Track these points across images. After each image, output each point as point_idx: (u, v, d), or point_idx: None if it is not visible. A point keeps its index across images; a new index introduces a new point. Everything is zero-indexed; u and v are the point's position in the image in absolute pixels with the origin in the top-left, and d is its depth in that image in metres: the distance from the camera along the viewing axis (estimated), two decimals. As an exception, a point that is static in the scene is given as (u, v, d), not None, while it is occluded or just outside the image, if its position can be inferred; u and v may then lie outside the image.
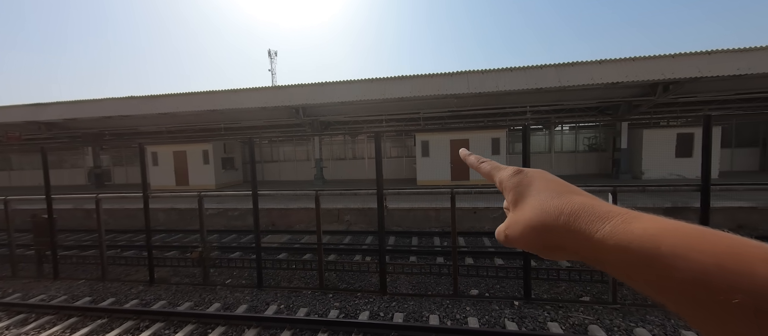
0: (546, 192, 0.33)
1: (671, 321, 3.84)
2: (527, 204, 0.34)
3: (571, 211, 0.29)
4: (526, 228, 0.33)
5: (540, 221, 0.31)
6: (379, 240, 4.73)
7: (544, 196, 0.33)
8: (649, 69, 8.81)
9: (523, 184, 0.36)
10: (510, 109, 12.02)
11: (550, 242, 0.31)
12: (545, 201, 0.32)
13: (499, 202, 0.48)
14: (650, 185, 4.59)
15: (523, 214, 0.34)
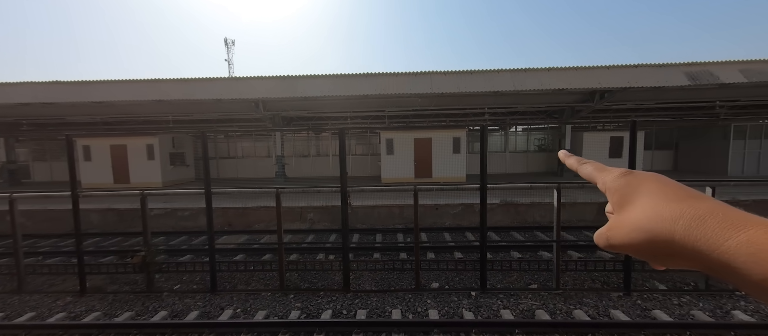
0: (660, 194, 0.31)
1: (603, 302, 4.34)
2: (636, 206, 0.31)
3: (693, 215, 0.27)
4: (633, 231, 0.31)
5: (651, 225, 0.29)
6: (342, 238, 4.69)
7: (657, 199, 0.30)
8: (588, 78, 9.83)
9: (631, 186, 0.33)
10: (470, 110, 12.61)
11: (662, 248, 0.29)
12: (660, 204, 0.30)
13: (461, 199, 0.49)
14: (588, 183, 5.14)
15: (629, 216, 0.31)
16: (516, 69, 9.74)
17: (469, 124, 15.74)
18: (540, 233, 7.62)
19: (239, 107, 12.08)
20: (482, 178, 4.53)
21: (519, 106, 12.16)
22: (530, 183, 4.97)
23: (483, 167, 4.51)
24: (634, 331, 3.59)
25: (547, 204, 8.44)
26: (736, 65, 9.66)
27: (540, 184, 4.96)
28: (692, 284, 4.77)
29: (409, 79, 9.85)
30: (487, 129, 4.40)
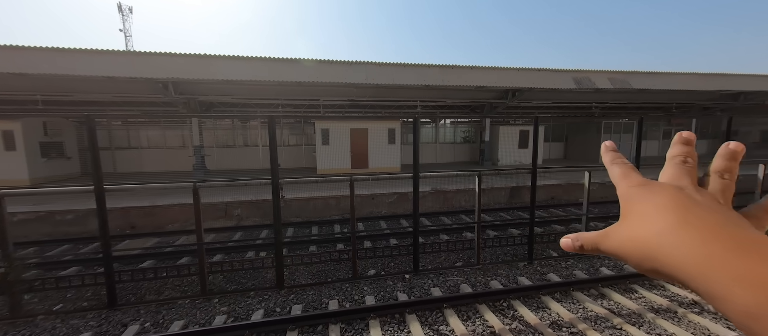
0: (661, 212, 0.28)
1: (512, 271, 5.08)
2: (633, 219, 0.30)
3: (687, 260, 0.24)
4: (622, 243, 0.30)
5: (636, 245, 0.28)
6: (275, 233, 4.42)
7: (653, 219, 0.28)
8: (503, 78, 11.15)
9: (639, 197, 0.31)
10: (403, 102, 13.09)
11: (646, 268, 0.28)
12: (650, 223, 0.28)
13: (396, 188, 0.49)
14: (503, 170, 5.89)
15: (622, 228, 0.31)
16: (444, 65, 10.44)
17: (404, 116, 16.36)
18: (464, 216, 8.45)
19: (142, 88, 10.18)
20: (415, 167, 4.77)
21: (447, 100, 13.11)
22: (457, 171, 5.45)
23: (416, 157, 4.74)
24: (534, 292, 4.30)
25: (470, 190, 9.38)
26: (605, 74, 12.13)
27: (464, 172, 5.47)
28: (575, 250, 5.91)
29: (344, 68, 9.67)
30: (419, 121, 4.63)
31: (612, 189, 10.47)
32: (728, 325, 3.60)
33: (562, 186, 10.24)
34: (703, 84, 12.77)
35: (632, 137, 16.44)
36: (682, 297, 4.19)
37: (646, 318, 3.76)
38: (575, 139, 18.80)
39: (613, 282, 4.52)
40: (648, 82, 12.34)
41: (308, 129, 16.58)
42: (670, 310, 3.92)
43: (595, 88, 11.87)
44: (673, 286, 4.49)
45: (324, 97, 11.96)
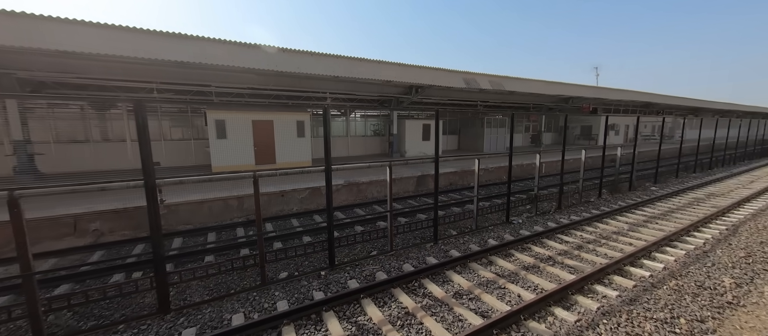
0: None
1: (421, 253, 5.52)
2: None
3: None
4: None
5: None
6: (153, 246, 3.56)
7: None
8: (408, 74, 11.92)
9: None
10: (312, 93, 12.52)
11: None
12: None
13: (307, 183, 0.41)
14: (410, 160, 6.30)
15: None
16: (352, 57, 10.42)
17: (313, 108, 15.70)
18: (377, 206, 8.74)
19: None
20: (327, 160, 4.59)
21: (357, 93, 13.20)
22: (368, 163, 5.52)
23: (327, 149, 4.56)
24: (439, 268, 4.76)
25: (381, 181, 9.75)
26: (486, 77, 14.40)
27: (376, 163, 5.59)
28: (469, 228, 6.84)
29: (241, 50, 8.50)
30: (329, 111, 4.45)
31: (495, 173, 12.59)
32: (571, 270, 4.80)
33: (458, 173, 11.74)
34: (549, 89, 16.60)
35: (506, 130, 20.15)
36: (543, 255, 5.35)
37: (520, 275, 4.64)
38: (466, 132, 21.81)
39: (497, 250, 5.42)
40: (516, 85, 15.25)
41: (198, 120, 14.12)
42: (535, 266, 4.95)
43: (479, 89, 13.95)
44: (536, 248, 5.69)
45: (217, 84, 10.33)
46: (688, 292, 4.10)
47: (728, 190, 10.53)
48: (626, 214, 7.65)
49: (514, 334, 3.35)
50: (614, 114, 24.12)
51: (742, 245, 5.66)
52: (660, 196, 9.35)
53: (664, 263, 4.91)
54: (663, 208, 8.23)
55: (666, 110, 26.81)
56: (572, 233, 6.36)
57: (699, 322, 3.51)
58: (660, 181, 11.90)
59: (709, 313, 3.68)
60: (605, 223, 6.97)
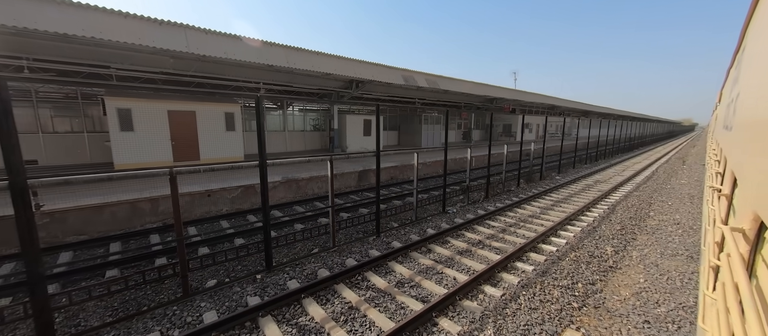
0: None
1: (364, 247, 5.53)
2: None
3: None
4: None
5: None
6: (25, 265, 2.80)
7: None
8: (347, 68, 11.76)
9: None
10: (244, 82, 11.43)
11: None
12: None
13: (239, 180, 0.33)
14: (352, 154, 6.23)
15: None
16: (289, 46, 9.80)
17: (245, 99, 14.38)
18: (318, 203, 8.47)
19: None
20: (261, 154, 4.24)
21: (294, 86, 12.52)
22: (308, 157, 5.28)
23: (261, 142, 4.21)
24: (382, 260, 4.84)
25: (322, 177, 9.47)
26: (423, 75, 15.12)
27: (316, 157, 5.38)
28: (409, 220, 7.12)
29: (151, 27, 7.23)
30: (263, 101, 4.09)
31: (432, 167, 13.32)
32: (497, 251, 5.36)
33: (399, 167, 12.11)
34: (477, 90, 18.23)
35: (442, 126, 21.50)
36: (474, 240, 5.87)
37: (455, 260, 5.01)
38: (405, 128, 22.61)
39: (435, 238, 5.76)
40: (450, 85, 16.34)
41: (94, 109, 11.68)
42: (468, 250, 5.40)
43: (417, 86, 14.56)
44: (469, 233, 6.21)
45: (120, 65, 8.65)
46: (583, 261, 4.96)
47: (608, 177, 13.08)
48: (538, 200, 8.89)
49: (451, 313, 3.60)
50: (528, 114, 27.74)
51: (618, 221, 7.09)
52: (562, 184, 11.11)
53: (566, 239, 5.84)
54: (564, 193, 9.80)
55: (566, 112, 31.93)
56: (498, 219, 7.12)
57: (591, 285, 4.28)
58: (562, 172, 14.16)
59: (598, 277, 4.51)
60: (523, 209, 7.99)
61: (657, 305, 3.86)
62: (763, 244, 0.90)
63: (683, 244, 5.78)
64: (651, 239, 6.08)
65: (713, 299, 1.13)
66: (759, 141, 0.94)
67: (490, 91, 19.27)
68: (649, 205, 8.66)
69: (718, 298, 0.93)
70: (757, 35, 1.63)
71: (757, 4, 1.74)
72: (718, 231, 1.47)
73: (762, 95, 1.04)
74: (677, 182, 12.14)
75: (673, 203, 8.83)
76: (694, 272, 4.66)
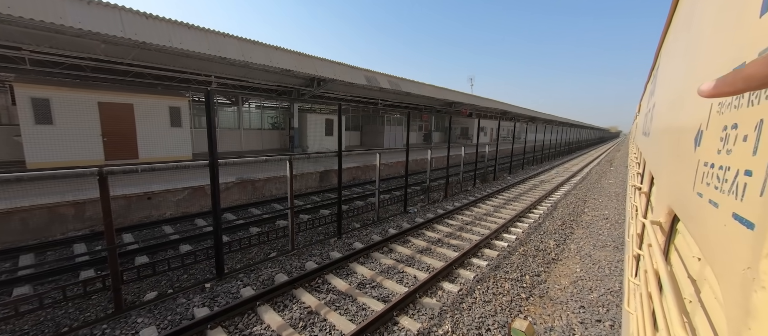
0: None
1: (325, 249, 5.40)
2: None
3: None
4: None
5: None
6: None
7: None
8: (308, 65, 11.42)
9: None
10: (192, 74, 10.50)
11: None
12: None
13: (187, 180, 0.28)
14: (313, 154, 6.04)
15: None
16: (244, 38, 9.21)
17: (193, 93, 13.25)
18: (277, 204, 8.09)
19: None
20: (211, 152, 3.92)
21: (251, 81, 11.83)
22: (266, 156, 5.01)
23: (211, 140, 3.89)
24: (343, 262, 4.77)
25: (281, 177, 9.07)
26: (386, 77, 15.26)
27: (274, 157, 5.13)
28: (371, 220, 7.12)
29: (75, 5, 6.28)
30: (212, 94, 3.78)
31: (394, 167, 13.49)
32: (455, 248, 5.59)
33: (361, 167, 12.06)
34: (437, 94, 18.91)
35: (403, 128, 21.91)
36: (434, 238, 6.06)
37: (416, 258, 5.13)
38: (368, 128, 22.63)
39: (396, 238, 5.83)
40: (412, 87, 16.71)
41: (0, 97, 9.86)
42: (428, 249, 5.56)
43: (380, 87, 14.65)
44: (429, 232, 6.39)
45: (33, 47, 7.40)
46: (530, 255, 5.39)
47: (551, 177, 14.42)
48: (492, 199, 9.48)
49: (412, 311, 3.66)
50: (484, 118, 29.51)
51: (559, 217, 7.84)
52: (513, 184, 11.99)
53: (516, 235, 6.31)
54: (515, 192, 10.59)
55: (516, 117, 34.59)
56: (456, 217, 7.44)
57: (536, 276, 4.66)
58: (513, 172, 15.28)
59: (542, 269, 4.93)
60: (479, 207, 8.45)
61: (590, 291, 4.33)
62: (675, 235, 1.05)
63: (611, 236, 6.57)
64: (586, 233, 6.82)
65: (636, 284, 1.29)
66: (671, 145, 1.10)
67: (449, 95, 20.11)
68: (584, 202, 9.71)
69: (641, 283, 1.07)
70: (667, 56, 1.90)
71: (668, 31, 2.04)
72: (639, 224, 1.69)
73: (672, 106, 1.22)
74: (606, 182, 13.81)
75: (603, 200, 10.01)
76: (620, 261, 5.33)
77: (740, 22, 0.56)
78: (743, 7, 0.55)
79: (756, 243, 0.39)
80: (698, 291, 0.72)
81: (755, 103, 0.46)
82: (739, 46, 0.55)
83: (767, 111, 0.42)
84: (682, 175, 0.84)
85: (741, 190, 0.46)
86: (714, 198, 0.57)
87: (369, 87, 14.13)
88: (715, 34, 0.73)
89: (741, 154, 0.48)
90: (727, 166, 0.52)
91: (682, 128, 0.96)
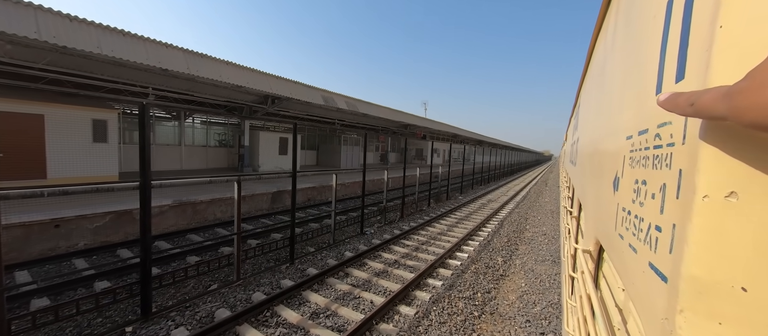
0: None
1: (275, 277, 5.02)
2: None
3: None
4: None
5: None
6: None
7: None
8: (262, 82, 11.03)
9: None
10: (125, 85, 9.40)
11: None
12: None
13: (107, 205, 0.22)
14: (264, 174, 5.72)
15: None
16: (191, 51, 8.60)
17: (125, 104, 11.87)
18: (221, 229, 7.40)
19: None
20: (143, 173, 3.48)
21: (197, 95, 10.99)
22: (210, 177, 4.60)
23: (145, 158, 3.46)
24: (296, 290, 4.48)
25: (228, 199, 8.37)
26: (343, 98, 15.38)
27: (220, 178, 4.73)
28: (327, 243, 6.87)
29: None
30: (148, 108, 3.41)
31: (351, 187, 13.35)
32: (412, 269, 5.61)
33: (317, 188, 11.72)
34: (394, 116, 19.54)
35: (361, 148, 22.04)
36: (390, 260, 6.02)
37: (373, 282, 5.02)
38: (325, 148, 22.30)
39: (353, 261, 5.68)
40: (369, 109, 17.03)
41: None
42: (385, 271, 5.50)
43: (337, 108, 14.68)
44: (386, 254, 6.35)
45: None
46: (481, 272, 5.64)
47: (498, 197, 15.56)
48: (446, 218, 9.85)
49: (368, 340, 3.53)
50: (437, 141, 31.11)
51: (505, 234, 8.41)
52: (464, 203, 12.65)
53: (468, 253, 6.58)
54: (466, 211, 11.16)
55: (466, 141, 37.13)
56: (412, 238, 7.54)
57: (487, 293, 4.87)
58: (464, 192, 16.17)
59: (492, 285, 5.18)
60: (433, 227, 8.69)
61: (534, 305, 4.64)
62: (603, 263, 1.17)
63: (549, 251, 7.21)
64: (528, 248, 7.40)
65: (573, 305, 1.40)
66: (595, 183, 1.21)
67: (405, 118, 20.92)
68: (525, 219, 10.60)
69: (576, 305, 1.16)
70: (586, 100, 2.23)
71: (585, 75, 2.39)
72: (572, 247, 1.87)
73: (594, 147, 1.38)
74: (543, 200, 15.32)
75: (541, 218, 11.04)
76: (557, 274, 5.84)
77: (640, 98, 0.62)
78: (643, 86, 0.61)
79: (671, 297, 0.40)
80: (625, 321, 0.77)
81: (658, 168, 0.50)
82: (639, 118, 0.61)
83: (669, 176, 0.45)
84: (605, 214, 0.87)
85: (654, 242, 0.47)
86: (633, 243, 0.58)
87: (326, 107, 14.07)
88: (620, 101, 0.80)
89: (651, 210, 0.50)
90: (641, 217, 0.55)
91: (603, 170, 1.01)
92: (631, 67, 0.72)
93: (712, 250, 0.36)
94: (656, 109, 0.51)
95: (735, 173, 0.35)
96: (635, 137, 0.63)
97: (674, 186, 0.44)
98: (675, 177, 0.44)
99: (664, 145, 0.49)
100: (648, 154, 0.56)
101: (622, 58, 0.84)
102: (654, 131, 0.54)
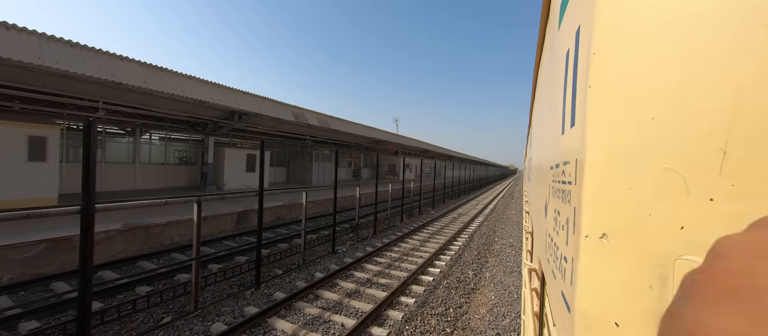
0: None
1: (238, 304, 4.69)
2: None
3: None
4: None
5: None
6: None
7: None
8: (228, 97, 10.66)
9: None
10: (72, 99, 8.60)
11: None
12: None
13: (42, 232, 0.17)
14: (228, 194, 5.42)
15: None
16: (150, 64, 8.12)
17: (69, 119, 10.84)
18: (178, 255, 6.83)
19: None
20: (86, 195, 3.15)
21: (155, 110, 10.32)
22: (166, 198, 4.26)
23: (87, 180, 3.14)
24: (260, 318, 4.20)
25: (186, 221, 7.79)
26: (315, 114, 15.26)
27: (177, 199, 4.40)
28: (296, 264, 6.58)
29: None
30: (94, 126, 3.13)
31: (323, 204, 13.03)
32: (384, 287, 5.51)
33: (286, 206, 11.31)
34: (365, 132, 19.68)
35: (332, 164, 21.79)
36: (363, 279, 5.89)
37: (344, 303, 4.85)
38: (295, 164, 21.77)
39: (323, 283, 5.47)
40: (340, 125, 17.01)
41: None
42: (357, 291, 5.35)
43: (308, 124, 14.50)
44: (358, 273, 6.21)
45: None
46: (453, 287, 5.69)
47: (467, 210, 16.01)
48: (418, 233, 9.91)
49: (338, 367, 3.36)
50: (408, 156, 31.66)
51: (475, 247, 8.61)
52: (436, 217, 12.85)
53: (439, 268, 6.63)
54: (438, 226, 11.32)
55: (436, 156, 38.20)
56: (384, 254, 7.46)
57: (459, 308, 4.90)
58: (436, 207, 16.45)
59: (464, 300, 5.23)
60: (406, 242, 8.69)
61: (503, 317, 4.74)
62: (547, 283, 1.22)
63: (516, 262, 7.48)
64: (497, 261, 7.62)
65: (526, 320, 1.44)
66: (538, 199, 1.27)
67: (377, 134, 21.14)
68: (494, 232, 10.97)
69: (529, 322, 1.20)
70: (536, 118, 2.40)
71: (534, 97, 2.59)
72: (526, 264, 1.95)
73: (537, 165, 1.45)
74: (510, 213, 16.01)
75: (508, 230, 11.49)
76: (524, 284, 6.04)
77: (556, 133, 0.67)
78: (557, 122, 0.65)
79: (571, 328, 0.41)
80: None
81: (566, 202, 0.51)
82: (556, 151, 0.64)
83: (570, 212, 0.46)
84: (541, 236, 0.89)
85: (563, 272, 0.48)
86: (554, 269, 0.60)
87: (297, 123, 13.86)
88: (550, 129, 0.85)
89: (563, 240, 0.52)
90: (557, 245, 0.56)
91: (541, 194, 1.04)
92: (552, 101, 0.77)
93: (593, 286, 0.38)
94: (563, 147, 0.54)
95: (606, 215, 0.37)
96: (554, 169, 0.67)
97: (572, 221, 0.45)
98: (572, 213, 0.46)
99: (567, 181, 0.52)
100: (561, 187, 0.58)
101: (549, 89, 0.89)
102: (561, 167, 0.57)
